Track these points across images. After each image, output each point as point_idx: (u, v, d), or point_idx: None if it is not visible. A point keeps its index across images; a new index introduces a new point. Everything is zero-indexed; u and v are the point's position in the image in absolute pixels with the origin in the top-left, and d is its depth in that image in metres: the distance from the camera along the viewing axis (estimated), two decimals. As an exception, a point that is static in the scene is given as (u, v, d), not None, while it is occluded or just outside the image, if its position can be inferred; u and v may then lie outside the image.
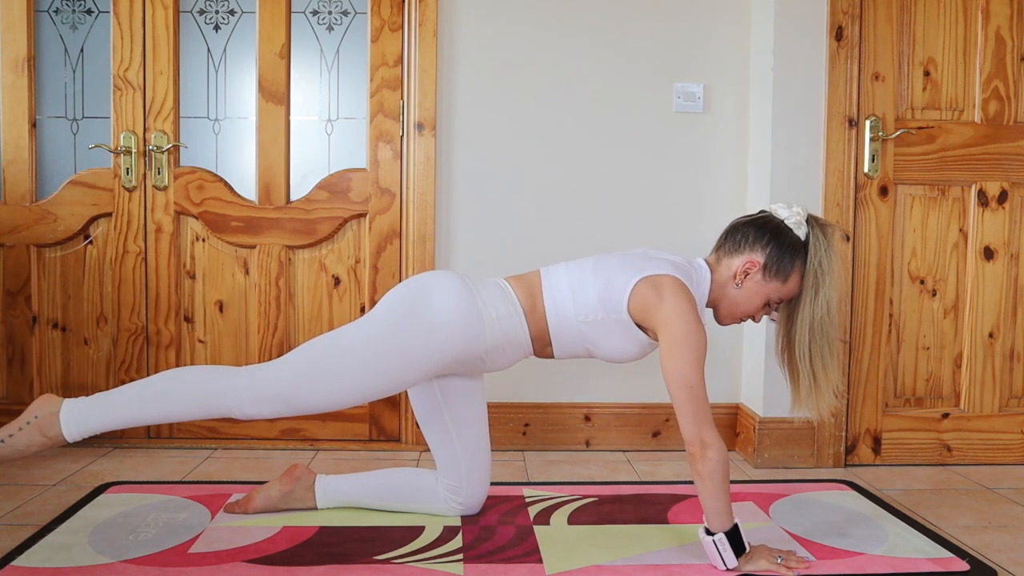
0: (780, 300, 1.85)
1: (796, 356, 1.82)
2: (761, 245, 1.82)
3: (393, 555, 1.83)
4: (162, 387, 1.77)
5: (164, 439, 2.78)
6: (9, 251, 2.75)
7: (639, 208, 2.78)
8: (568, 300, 1.83)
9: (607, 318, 1.81)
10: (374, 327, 1.80)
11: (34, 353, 2.76)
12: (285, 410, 1.76)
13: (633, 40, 2.75)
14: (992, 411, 2.69)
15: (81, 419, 1.74)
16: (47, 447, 1.75)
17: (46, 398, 1.78)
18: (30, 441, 1.74)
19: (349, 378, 1.76)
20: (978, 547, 1.97)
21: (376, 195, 2.76)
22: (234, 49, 2.78)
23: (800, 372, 1.82)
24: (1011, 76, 2.65)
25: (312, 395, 1.76)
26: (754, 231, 1.84)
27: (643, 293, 1.77)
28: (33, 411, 1.76)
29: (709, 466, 1.68)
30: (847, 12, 2.57)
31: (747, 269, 1.83)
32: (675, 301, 1.74)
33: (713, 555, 1.75)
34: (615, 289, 1.80)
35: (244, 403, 1.75)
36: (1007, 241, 2.67)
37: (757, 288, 1.83)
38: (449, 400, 1.98)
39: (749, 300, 1.85)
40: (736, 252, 1.85)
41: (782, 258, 1.81)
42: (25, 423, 1.74)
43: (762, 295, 1.84)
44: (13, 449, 1.73)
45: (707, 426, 1.70)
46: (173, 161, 2.75)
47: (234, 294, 2.78)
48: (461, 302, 1.81)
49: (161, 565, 1.75)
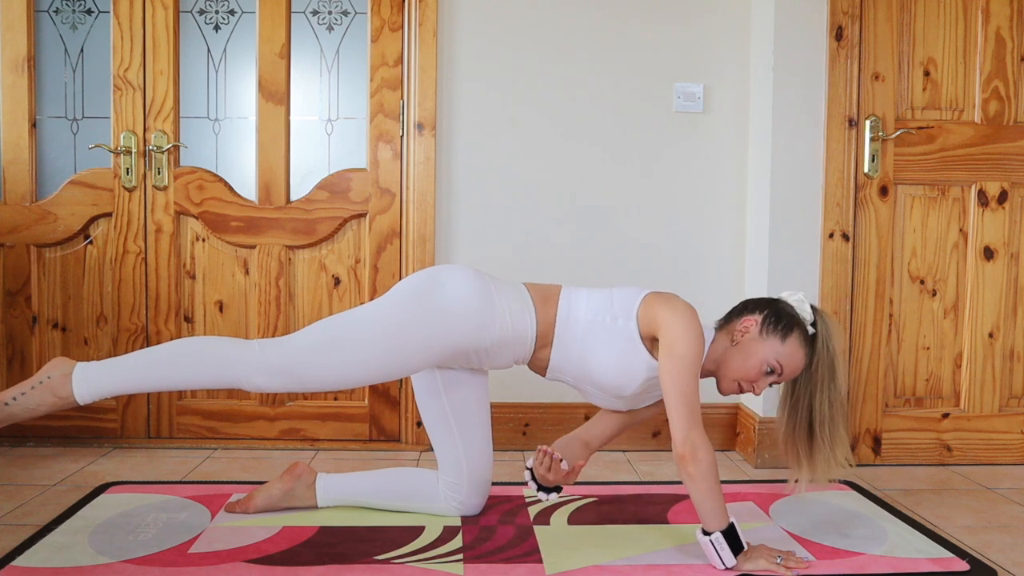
0: (780, 366, 1.83)
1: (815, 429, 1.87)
2: (760, 308, 1.89)
3: (393, 555, 1.83)
4: (176, 353, 1.78)
5: (164, 439, 2.78)
6: (9, 251, 2.75)
7: (639, 208, 2.78)
8: (582, 302, 1.89)
9: (615, 323, 1.84)
10: (387, 307, 1.83)
11: (34, 353, 2.76)
12: (293, 384, 1.78)
13: (633, 40, 2.75)
14: (992, 411, 2.69)
15: (93, 381, 1.74)
16: (57, 407, 1.75)
17: (59, 360, 1.78)
18: (40, 401, 1.74)
19: (358, 354, 1.78)
20: (978, 547, 1.97)
21: (376, 195, 2.76)
22: (234, 49, 2.78)
23: (817, 444, 1.88)
24: (1011, 76, 2.65)
25: (321, 370, 1.77)
26: (756, 301, 1.94)
27: (653, 301, 1.85)
28: (46, 372, 1.76)
29: (702, 468, 1.70)
30: (847, 12, 2.57)
31: (745, 327, 1.87)
32: (681, 309, 1.81)
33: (711, 555, 1.75)
34: (629, 294, 1.88)
35: (255, 373, 1.76)
36: (1007, 241, 2.67)
37: (754, 346, 1.84)
38: (452, 397, 1.99)
39: (746, 359, 1.84)
40: (736, 318, 1.92)
41: (780, 317, 1.86)
42: (37, 382, 1.74)
43: (759, 355, 1.83)
44: (23, 408, 1.73)
45: (697, 429, 1.72)
46: (173, 161, 2.75)
47: (234, 294, 2.78)
48: (475, 290, 1.85)
49: (161, 565, 1.75)
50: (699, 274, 2.80)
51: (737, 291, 2.79)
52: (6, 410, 1.72)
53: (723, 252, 2.80)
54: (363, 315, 1.83)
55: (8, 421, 1.74)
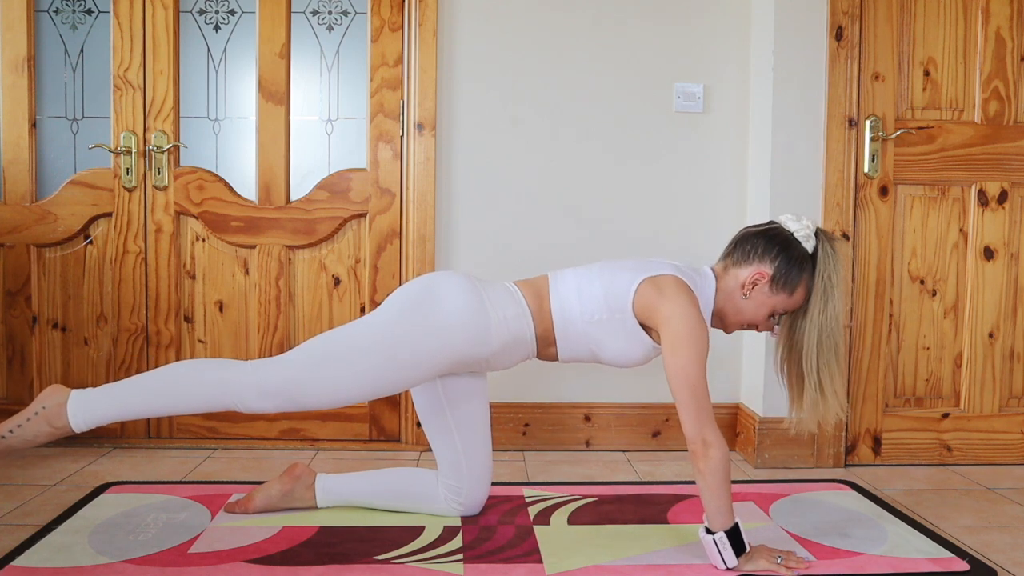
0: (785, 311, 1.87)
1: (804, 366, 1.82)
2: (770, 257, 1.83)
3: (393, 555, 1.83)
4: (169, 379, 1.78)
5: (164, 439, 2.78)
6: (9, 251, 2.75)
7: (639, 208, 2.78)
8: (574, 301, 1.85)
9: (612, 318, 1.82)
10: (381, 326, 1.81)
11: (34, 353, 2.76)
12: (288, 405, 1.77)
13: (633, 40, 2.75)
14: (992, 411, 2.69)
15: (88, 410, 1.75)
16: (54, 437, 1.76)
17: (53, 389, 1.78)
18: (38, 431, 1.75)
19: (353, 375, 1.77)
20: (978, 547, 1.97)
21: (376, 195, 2.76)
22: (234, 49, 2.78)
23: (806, 382, 1.82)
24: (1011, 76, 2.65)
25: (316, 390, 1.76)
26: (764, 243, 1.85)
27: (646, 292, 1.79)
28: (41, 401, 1.76)
29: (712, 464, 1.69)
30: (847, 12, 2.57)
31: (755, 280, 1.84)
32: (677, 299, 1.76)
33: (713, 554, 1.75)
34: (619, 288, 1.82)
35: (249, 396, 1.75)
36: (1007, 241, 2.67)
37: (764, 299, 1.85)
38: (452, 399, 1.99)
39: (756, 310, 1.86)
40: (744, 263, 1.86)
41: (790, 271, 1.82)
42: (33, 413, 1.75)
43: (768, 306, 1.86)
44: (21, 439, 1.74)
45: (709, 425, 1.71)
46: (173, 161, 2.75)
47: (234, 294, 2.78)
48: (469, 304, 1.82)
49: (161, 565, 1.75)
50: (699, 274, 2.80)
51: (737, 291, 2.79)
52: (3, 443, 1.74)
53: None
54: (357, 332, 1.81)
55: (6, 454, 1.76)
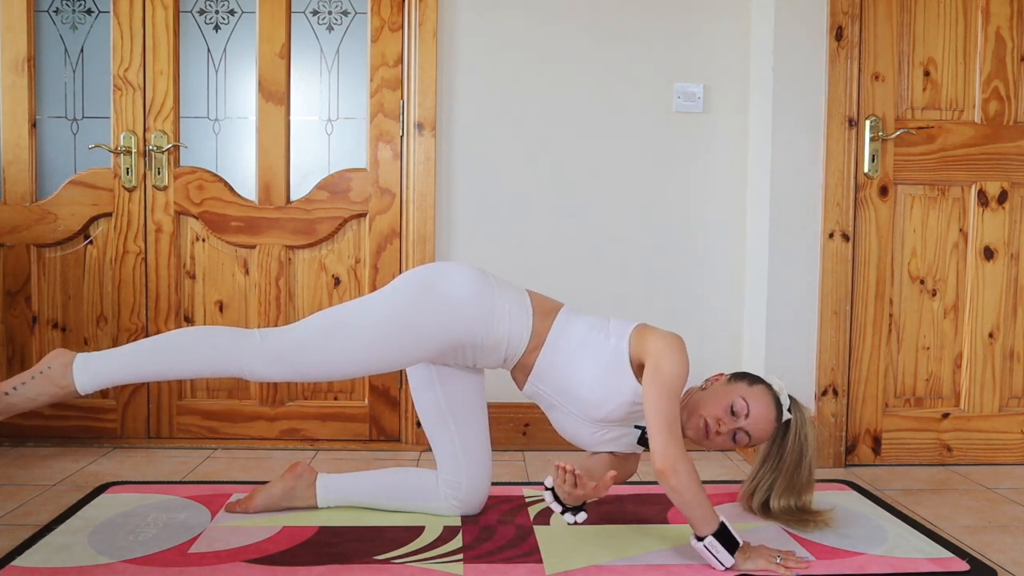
0: (746, 406, 1.87)
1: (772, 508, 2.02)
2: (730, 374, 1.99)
3: (393, 555, 1.83)
4: (178, 341, 1.79)
5: (164, 439, 2.78)
6: (9, 251, 2.75)
7: (639, 208, 2.78)
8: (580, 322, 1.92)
9: (607, 341, 1.87)
10: (390, 297, 1.85)
11: (34, 353, 2.76)
12: (292, 372, 1.79)
13: (633, 40, 2.75)
14: (992, 411, 2.69)
15: (94, 370, 1.74)
16: (58, 398, 1.75)
17: (59, 351, 1.78)
18: (41, 390, 1.73)
19: (358, 342, 1.79)
20: (978, 547, 1.97)
21: (376, 195, 2.76)
22: (234, 49, 2.78)
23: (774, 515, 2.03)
24: (1011, 76, 2.65)
25: (320, 355, 1.78)
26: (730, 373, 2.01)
27: (644, 329, 1.89)
28: (46, 362, 1.75)
29: (683, 479, 1.70)
30: (847, 12, 2.57)
31: (715, 378, 1.97)
32: (672, 338, 1.84)
33: (709, 559, 1.75)
34: (625, 321, 1.92)
35: (255, 361, 1.77)
36: (1007, 241, 2.67)
37: (721, 389, 1.92)
38: (450, 399, 1.99)
39: (713, 399, 1.90)
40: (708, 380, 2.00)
41: (748, 375, 1.95)
42: (38, 372, 1.74)
43: (726, 395, 1.90)
44: (24, 398, 1.73)
45: (675, 443, 1.73)
46: (173, 161, 2.75)
47: (234, 294, 2.78)
48: (477, 285, 1.87)
49: (161, 565, 1.75)
50: (699, 274, 2.80)
51: (737, 291, 2.79)
52: (6, 400, 1.72)
53: (723, 252, 2.80)
54: (365, 304, 1.85)
55: (9, 412, 1.73)
